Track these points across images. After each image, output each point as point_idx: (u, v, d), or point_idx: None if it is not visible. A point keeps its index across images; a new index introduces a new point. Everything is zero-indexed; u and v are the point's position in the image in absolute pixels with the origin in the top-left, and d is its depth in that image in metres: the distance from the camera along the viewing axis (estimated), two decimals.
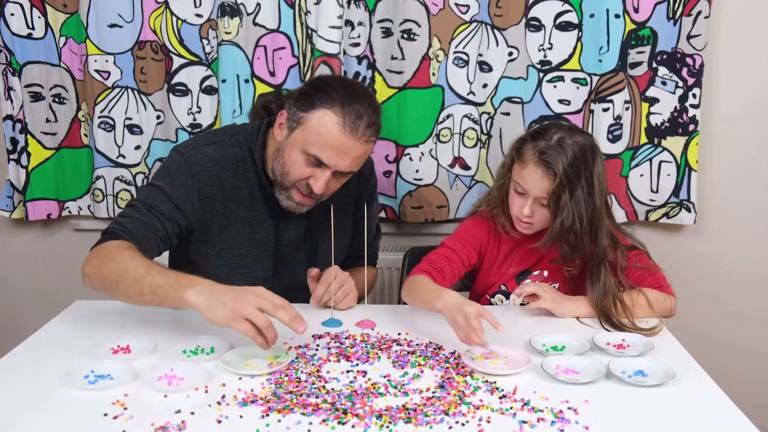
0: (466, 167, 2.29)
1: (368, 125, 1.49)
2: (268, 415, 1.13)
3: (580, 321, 1.58)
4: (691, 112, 2.23)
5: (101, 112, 2.29)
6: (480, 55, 2.22)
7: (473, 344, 1.34)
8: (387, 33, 2.22)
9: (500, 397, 1.20)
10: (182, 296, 1.30)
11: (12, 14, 2.23)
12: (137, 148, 2.33)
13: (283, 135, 1.56)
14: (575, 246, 1.63)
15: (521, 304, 1.67)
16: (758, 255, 2.38)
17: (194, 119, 2.29)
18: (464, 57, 2.22)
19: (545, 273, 1.75)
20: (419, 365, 1.34)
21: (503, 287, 1.78)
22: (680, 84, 2.22)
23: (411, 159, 2.27)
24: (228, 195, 1.63)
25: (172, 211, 1.56)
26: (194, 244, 1.66)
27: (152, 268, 1.37)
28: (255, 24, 2.19)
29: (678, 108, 2.24)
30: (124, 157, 2.33)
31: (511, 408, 1.16)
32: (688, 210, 2.29)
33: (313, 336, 1.47)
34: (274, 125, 1.61)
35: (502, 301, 1.78)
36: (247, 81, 2.22)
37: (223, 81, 2.21)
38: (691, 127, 2.24)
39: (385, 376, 1.28)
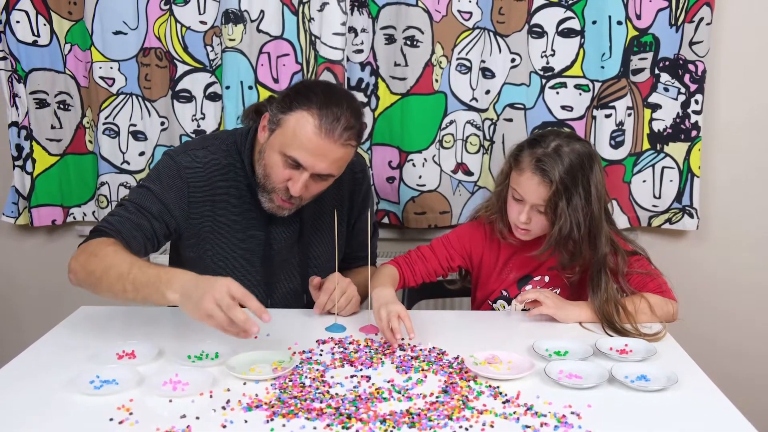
0: (468, 173, 2.30)
1: (346, 128, 1.49)
2: (272, 419, 1.14)
3: (583, 326, 1.58)
4: (694, 118, 2.24)
5: (106, 118, 2.30)
6: (483, 61, 2.23)
7: (388, 339, 1.44)
8: (390, 40, 2.23)
9: (503, 402, 1.21)
10: (164, 294, 1.31)
11: (17, 21, 2.24)
12: (141, 154, 2.34)
13: (265, 137, 1.57)
14: (574, 253, 1.63)
15: (523, 310, 1.67)
16: (761, 260, 2.39)
17: (198, 125, 2.30)
18: (467, 63, 2.23)
19: (546, 278, 1.75)
20: (423, 370, 1.34)
21: (504, 293, 1.78)
22: (682, 90, 2.23)
23: (414, 165, 2.28)
24: (218, 199, 1.63)
25: (161, 211, 1.56)
26: (187, 249, 1.66)
27: (135, 265, 1.36)
28: (259, 31, 2.20)
29: (680, 114, 2.24)
30: (128, 163, 2.34)
31: (514, 413, 1.16)
32: (691, 216, 2.29)
33: (317, 341, 1.47)
34: None
35: (504, 307, 1.78)
36: (250, 87, 2.23)
37: (227, 87, 2.22)
38: (694, 133, 2.25)
39: (388, 381, 1.29)
